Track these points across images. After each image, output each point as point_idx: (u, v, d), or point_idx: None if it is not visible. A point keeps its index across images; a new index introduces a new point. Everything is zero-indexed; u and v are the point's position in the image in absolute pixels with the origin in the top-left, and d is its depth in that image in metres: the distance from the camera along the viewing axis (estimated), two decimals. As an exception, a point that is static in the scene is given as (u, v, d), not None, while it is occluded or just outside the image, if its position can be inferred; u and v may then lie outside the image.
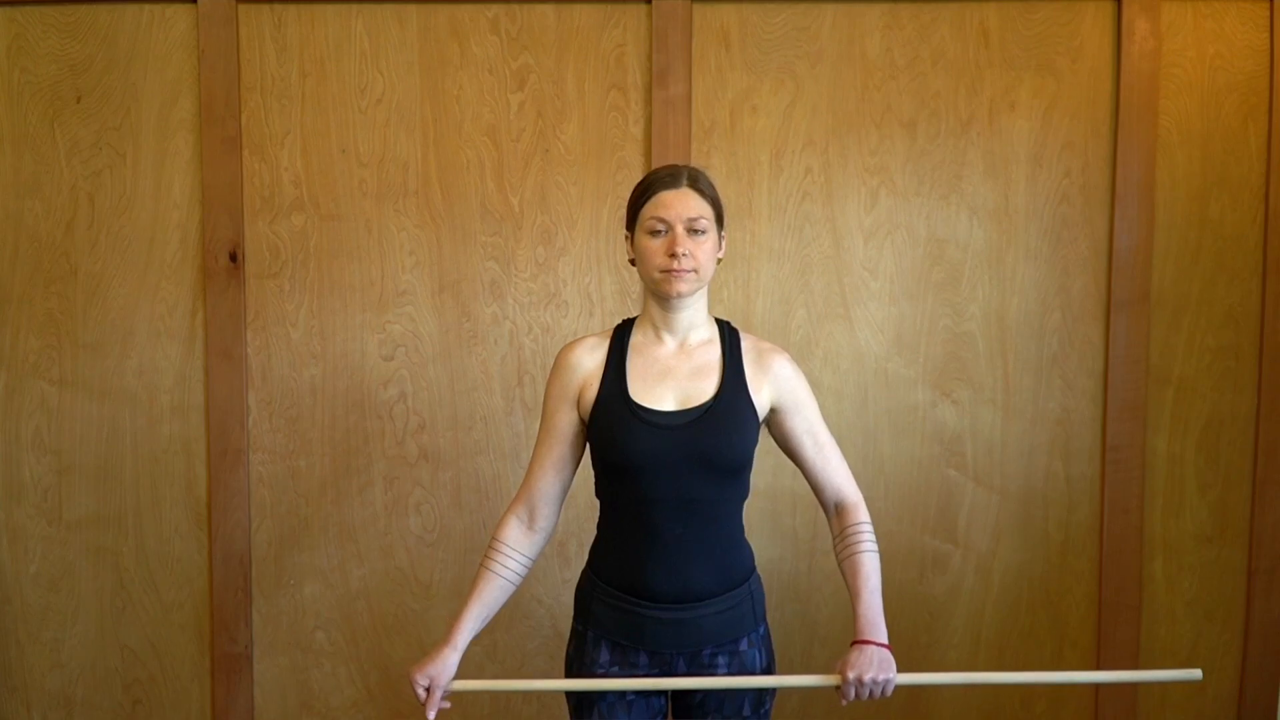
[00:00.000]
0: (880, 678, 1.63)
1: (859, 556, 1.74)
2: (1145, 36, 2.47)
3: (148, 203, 2.50)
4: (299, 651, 2.58)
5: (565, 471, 1.80)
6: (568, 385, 1.78)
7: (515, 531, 1.78)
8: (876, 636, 1.67)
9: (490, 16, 2.49)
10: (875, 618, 1.69)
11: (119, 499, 2.55)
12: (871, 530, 1.77)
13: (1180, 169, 2.51)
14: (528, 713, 2.60)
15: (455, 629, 1.74)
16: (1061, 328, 2.54)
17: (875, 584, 1.72)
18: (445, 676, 1.72)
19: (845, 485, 1.80)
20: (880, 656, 1.65)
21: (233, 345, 2.51)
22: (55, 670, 2.59)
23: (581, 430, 1.79)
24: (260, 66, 2.49)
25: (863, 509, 1.79)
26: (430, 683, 1.71)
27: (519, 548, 1.78)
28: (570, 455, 1.79)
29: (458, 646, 1.73)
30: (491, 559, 1.77)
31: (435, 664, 1.71)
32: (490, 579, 1.76)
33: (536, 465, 1.79)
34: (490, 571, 1.76)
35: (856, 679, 1.63)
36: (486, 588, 1.76)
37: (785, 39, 2.49)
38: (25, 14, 2.47)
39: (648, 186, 1.74)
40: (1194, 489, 2.57)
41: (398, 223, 2.51)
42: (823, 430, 1.81)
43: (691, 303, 1.74)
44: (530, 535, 1.79)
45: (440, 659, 1.72)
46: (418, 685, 1.72)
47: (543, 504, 1.79)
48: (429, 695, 1.71)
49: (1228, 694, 2.60)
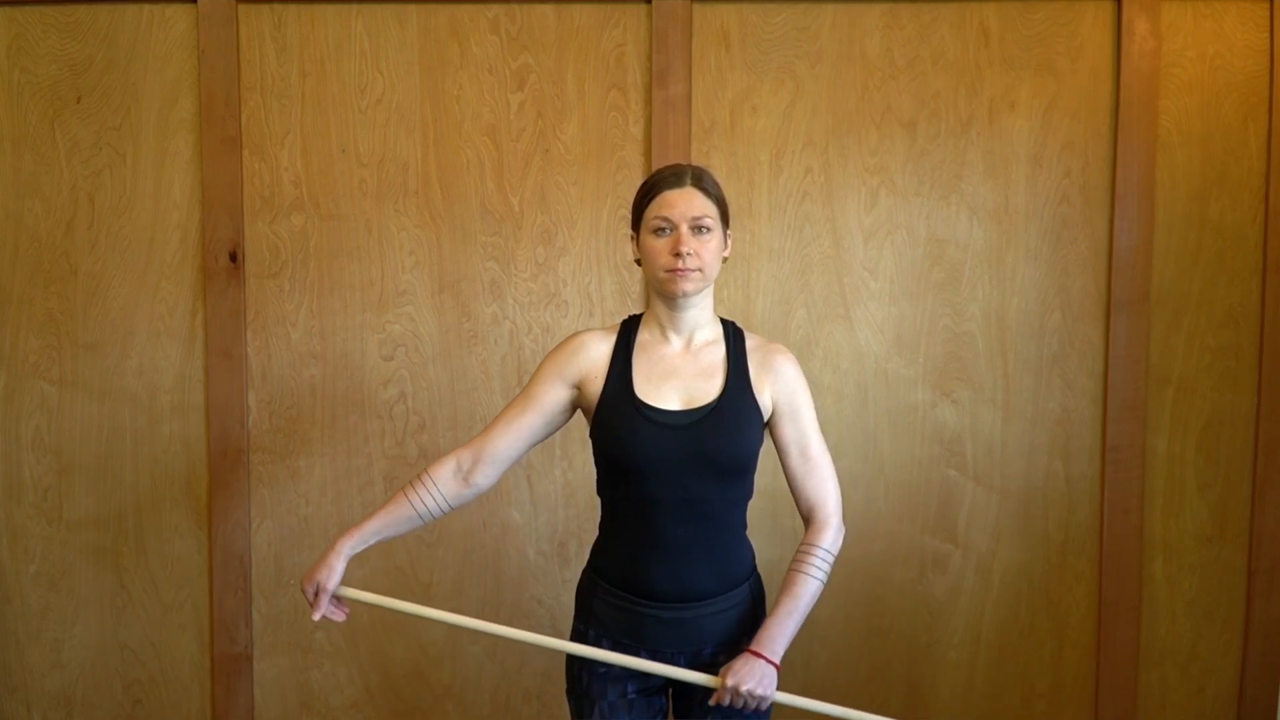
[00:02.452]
0: (758, 691, 1.62)
1: (796, 576, 1.71)
2: (1145, 36, 2.47)
3: (148, 203, 2.50)
4: (299, 651, 2.58)
5: (524, 441, 1.78)
6: (567, 365, 1.77)
7: (448, 474, 1.78)
8: (768, 652, 1.65)
9: (490, 16, 2.49)
10: (777, 635, 1.67)
11: (119, 499, 2.55)
12: (827, 558, 1.73)
13: (1180, 169, 2.51)
14: (528, 712, 2.60)
15: (346, 536, 1.76)
16: (1061, 328, 2.54)
17: (796, 607, 1.69)
18: (331, 582, 1.74)
19: (821, 504, 1.76)
20: (765, 672, 1.63)
21: (233, 345, 2.51)
22: (55, 670, 2.59)
23: (561, 410, 1.78)
24: (260, 66, 2.49)
25: (829, 533, 1.75)
26: (317, 588, 1.74)
27: (445, 492, 1.77)
28: (538, 428, 1.78)
29: (342, 553, 1.75)
30: (414, 488, 1.77)
31: (321, 570, 1.74)
32: (403, 505, 1.77)
33: (500, 423, 1.78)
34: (406, 499, 1.77)
35: (734, 687, 1.62)
36: (397, 511, 1.77)
37: (785, 39, 2.50)
38: (25, 14, 2.47)
39: (652, 186, 1.74)
40: (1194, 489, 2.57)
41: (398, 223, 2.52)
42: (814, 443, 1.78)
43: (697, 302, 1.74)
44: (461, 486, 1.78)
45: (325, 565, 1.74)
46: (306, 591, 1.75)
47: (488, 462, 1.78)
48: (316, 600, 1.74)
49: (1228, 694, 2.60)
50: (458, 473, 1.78)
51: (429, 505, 1.77)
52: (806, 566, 1.72)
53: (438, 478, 1.77)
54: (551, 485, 2.56)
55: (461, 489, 1.78)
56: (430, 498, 1.77)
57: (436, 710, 2.60)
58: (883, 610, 2.59)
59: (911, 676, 2.60)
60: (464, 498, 1.79)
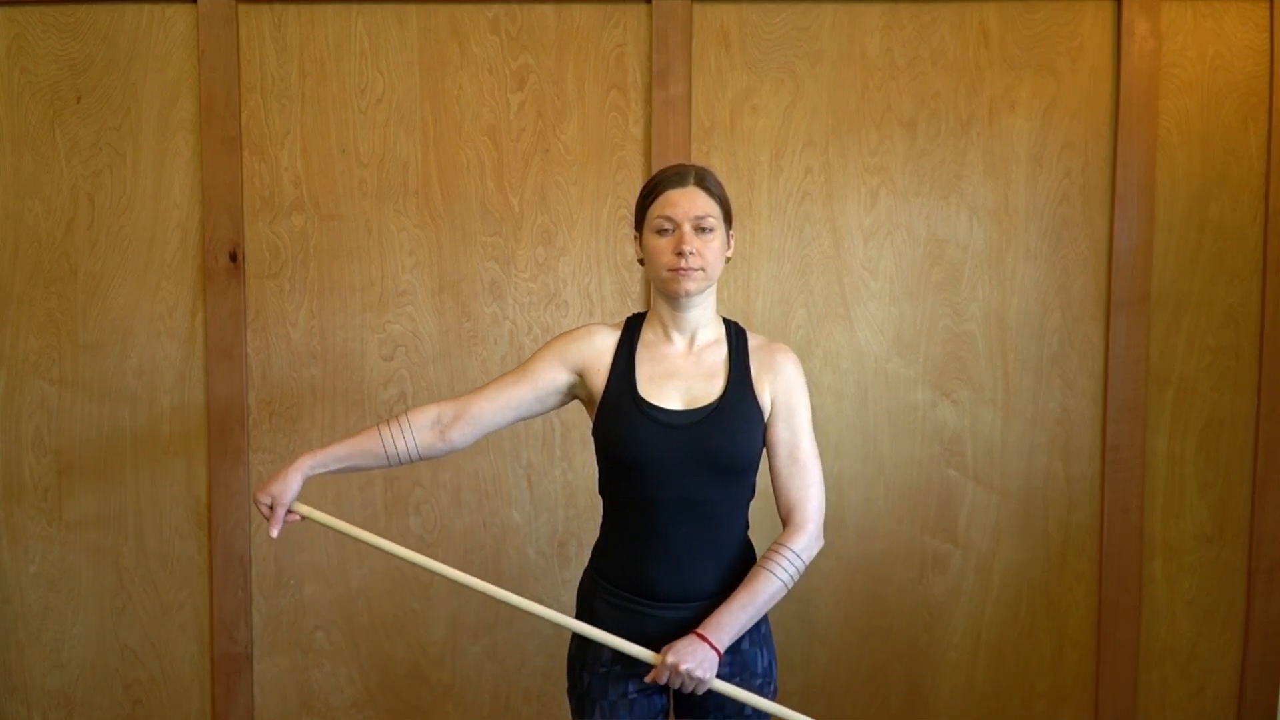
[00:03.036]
0: (696, 673, 1.62)
1: (760, 572, 1.70)
2: (1145, 36, 2.47)
3: (148, 203, 2.50)
4: (299, 651, 2.58)
5: (510, 410, 1.77)
6: (570, 349, 1.78)
7: (426, 423, 1.77)
8: (714, 638, 1.65)
9: (490, 16, 2.49)
10: (727, 624, 1.66)
11: (119, 499, 2.55)
12: (796, 561, 1.70)
13: (1180, 169, 2.51)
14: (528, 712, 2.60)
15: (309, 455, 1.76)
16: (1061, 328, 2.54)
17: (752, 602, 1.68)
18: (287, 496, 1.73)
19: (799, 506, 1.74)
20: (706, 656, 1.63)
21: (233, 345, 2.51)
22: (55, 670, 2.59)
23: (555, 392, 1.78)
24: (260, 66, 2.49)
25: (803, 537, 1.72)
26: (272, 500, 1.74)
27: (419, 439, 1.76)
28: (528, 402, 1.77)
29: (301, 469, 1.74)
30: (389, 426, 1.76)
31: (277, 483, 1.74)
32: (373, 440, 1.76)
33: (492, 387, 1.78)
34: (378, 435, 1.76)
35: (674, 665, 1.62)
36: (365, 444, 1.76)
37: (785, 39, 2.50)
38: (25, 14, 2.47)
39: (655, 185, 1.75)
40: (1194, 489, 2.57)
41: (398, 223, 2.51)
42: (803, 446, 1.75)
43: (699, 302, 1.75)
44: (436, 438, 1.77)
45: (283, 478, 1.74)
46: (260, 504, 1.74)
47: (469, 421, 1.77)
48: (271, 513, 1.74)
49: (1228, 694, 2.60)
50: (436, 424, 1.77)
51: (398, 448, 1.76)
52: (772, 565, 1.70)
53: (415, 423, 1.76)
54: (551, 485, 2.56)
55: (435, 441, 1.77)
56: (402, 440, 1.76)
57: (436, 710, 2.60)
58: (883, 610, 2.59)
59: (911, 676, 2.60)
60: (435, 450, 1.78)
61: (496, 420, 1.78)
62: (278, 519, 1.74)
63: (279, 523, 1.75)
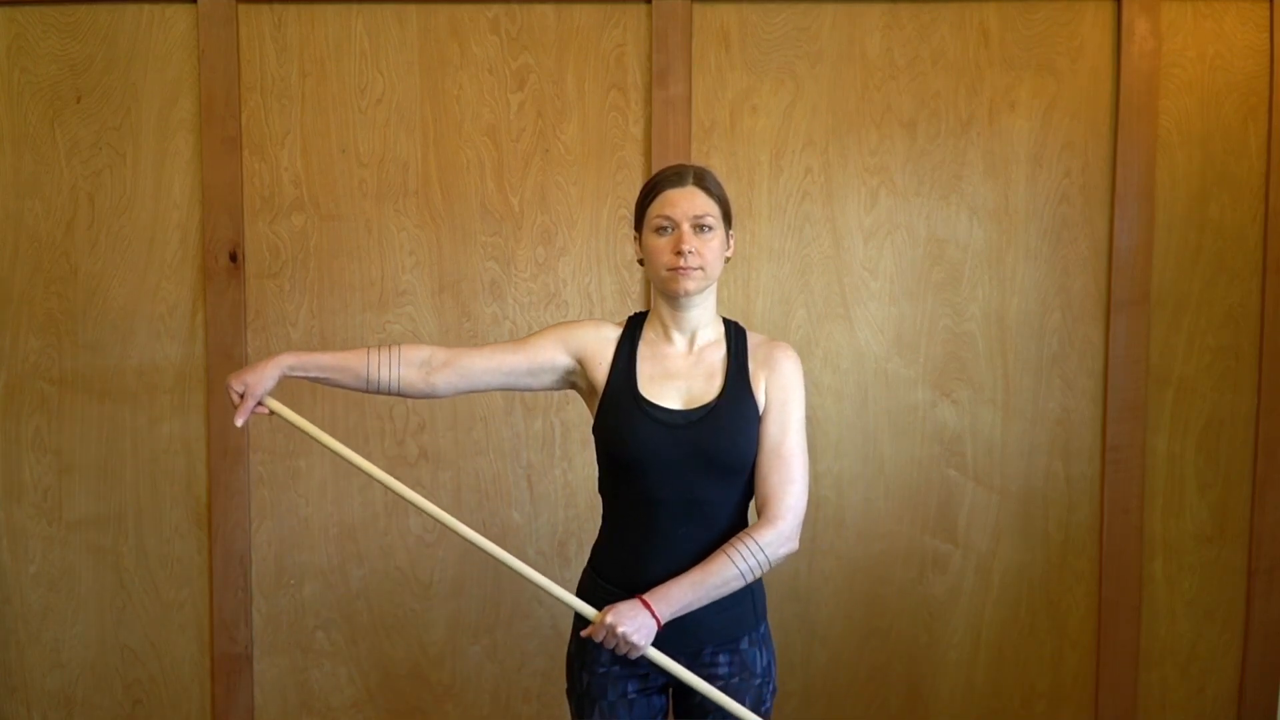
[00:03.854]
0: (631, 638, 1.62)
1: (719, 556, 1.67)
2: (1145, 36, 2.47)
3: (148, 203, 2.50)
4: (299, 651, 2.58)
5: (500, 375, 1.76)
6: (573, 334, 1.78)
7: (416, 360, 1.75)
8: (657, 608, 1.64)
9: (490, 16, 2.49)
10: (674, 596, 1.65)
11: (119, 499, 2.55)
12: (759, 553, 1.66)
13: (1180, 169, 2.51)
14: (528, 712, 2.60)
15: (291, 354, 1.74)
16: (1061, 328, 2.54)
17: (704, 581, 1.65)
18: (260, 388, 1.72)
19: (774, 500, 1.69)
20: (645, 623, 1.63)
21: (233, 345, 2.51)
22: (55, 670, 2.59)
23: (550, 370, 1.77)
24: (260, 66, 2.49)
25: (769, 532, 1.67)
26: (245, 389, 1.72)
27: (403, 373, 1.74)
28: (519, 372, 1.76)
29: (281, 365, 1.73)
30: (378, 352, 1.74)
31: (253, 373, 1.72)
32: (358, 360, 1.74)
33: (488, 349, 1.77)
34: (365, 358, 1.74)
35: (611, 625, 1.62)
36: (349, 362, 1.74)
37: (785, 39, 2.50)
38: (25, 14, 2.47)
39: (654, 185, 1.75)
40: (1194, 489, 2.57)
41: (398, 223, 2.52)
42: (788, 442, 1.72)
43: (699, 301, 1.75)
44: (420, 379, 1.75)
45: (260, 369, 1.72)
46: (232, 391, 1.73)
47: (457, 372, 1.75)
48: (241, 402, 1.72)
49: (1228, 694, 2.60)
50: (425, 364, 1.75)
51: (381, 375, 1.74)
52: (732, 551, 1.67)
53: (405, 357, 1.75)
54: (551, 485, 2.56)
55: (418, 380, 1.75)
56: (387, 369, 1.74)
57: (436, 710, 2.60)
58: (883, 610, 2.59)
59: (911, 676, 2.60)
60: (416, 389, 1.76)
61: (484, 380, 1.76)
62: (245, 409, 1.73)
63: (245, 413, 1.73)
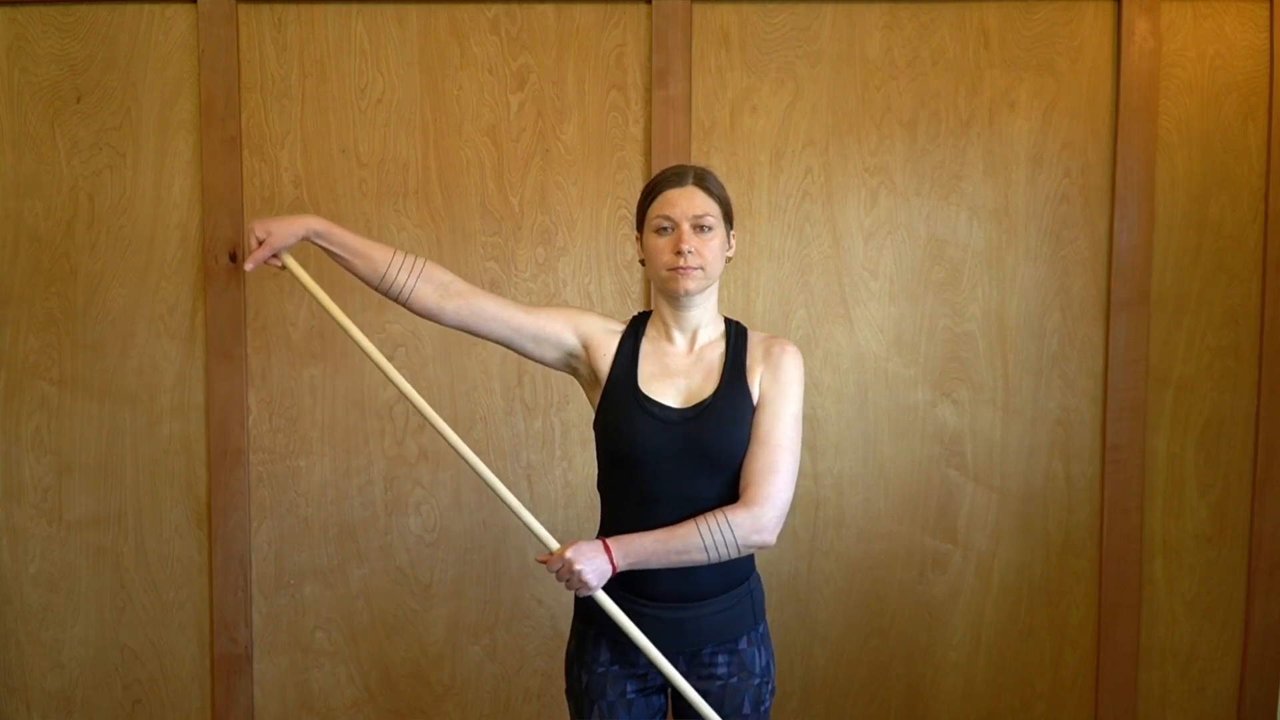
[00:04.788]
0: (585, 576, 1.63)
1: (690, 523, 1.66)
2: (1145, 36, 2.47)
3: (148, 203, 2.50)
4: (299, 651, 2.58)
5: (504, 327, 1.75)
6: (585, 321, 1.79)
7: (437, 278, 1.75)
8: (617, 554, 1.65)
9: (490, 16, 2.49)
10: (635, 548, 1.66)
11: (119, 499, 2.55)
12: (727, 531, 1.65)
13: (1180, 169, 2.51)
14: (528, 712, 2.60)
15: (323, 220, 1.74)
16: (1061, 328, 2.54)
17: (667, 540, 1.65)
18: (281, 240, 1.72)
19: (753, 484, 1.68)
20: (601, 567, 1.64)
21: (233, 345, 2.51)
22: (55, 670, 2.59)
23: (552, 343, 1.77)
24: (260, 66, 2.49)
25: (744, 513, 1.66)
26: (267, 237, 1.72)
27: (420, 285, 1.74)
28: (523, 333, 1.76)
29: (309, 227, 1.72)
30: (405, 257, 1.74)
31: (280, 224, 1.72)
32: (384, 254, 1.74)
33: (504, 301, 1.78)
34: (391, 254, 1.74)
35: (568, 560, 1.64)
36: (374, 252, 1.74)
37: (785, 39, 2.50)
38: (25, 14, 2.47)
39: (655, 186, 1.76)
40: (1194, 489, 2.57)
41: (398, 223, 2.51)
42: (776, 432, 1.71)
43: (700, 301, 1.75)
44: (433, 296, 1.74)
45: (288, 222, 1.72)
46: (253, 235, 1.72)
47: (468, 306, 1.75)
48: (259, 248, 1.72)
49: (1228, 694, 2.60)
50: (443, 287, 1.75)
51: (398, 278, 1.74)
52: (701, 522, 1.66)
53: (427, 272, 1.75)
54: (551, 485, 2.56)
55: (430, 298, 1.75)
56: (406, 273, 1.74)
57: (436, 710, 2.60)
58: (883, 610, 2.59)
59: (911, 677, 2.60)
60: (423, 305, 1.75)
61: (489, 326, 1.76)
62: (259, 256, 1.73)
63: (258, 261, 1.73)
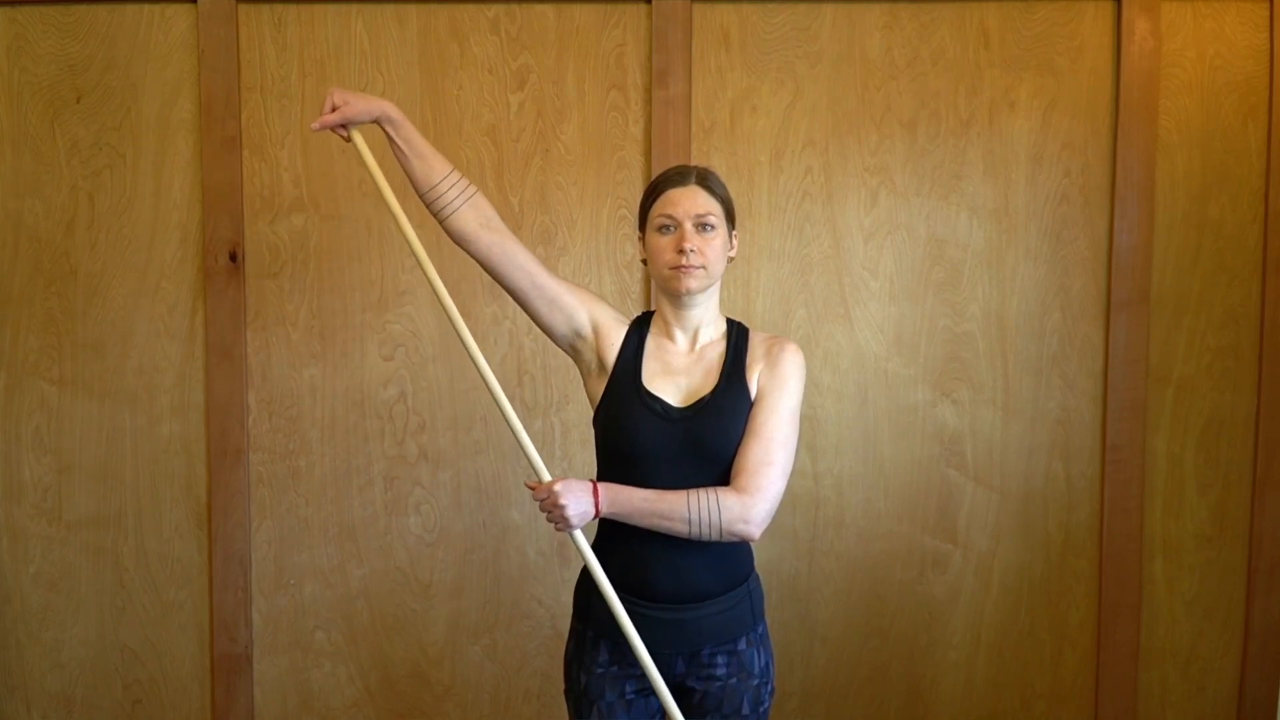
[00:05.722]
0: (568, 511, 1.64)
1: (681, 492, 1.66)
2: (1145, 36, 2.47)
3: (148, 203, 2.50)
4: (299, 651, 2.58)
5: (527, 279, 1.75)
6: (600, 308, 1.79)
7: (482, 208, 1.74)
8: (604, 498, 1.66)
9: (490, 16, 2.49)
10: (622, 500, 1.66)
11: (119, 499, 2.55)
12: (713, 509, 1.65)
13: (1180, 169, 2.51)
14: (528, 712, 2.60)
15: (401, 113, 1.72)
16: (1061, 328, 2.54)
17: (656, 500, 1.66)
18: (355, 113, 1.71)
19: (744, 472, 1.68)
20: (585, 508, 1.65)
21: (232, 345, 2.51)
22: (55, 670, 2.59)
23: (563, 314, 1.77)
24: (260, 66, 2.49)
25: (734, 495, 1.66)
26: (344, 106, 1.71)
27: (466, 209, 1.73)
28: (545, 294, 1.76)
29: (386, 111, 1.71)
30: (464, 179, 1.74)
31: (362, 99, 1.72)
32: (443, 164, 1.73)
33: (534, 258, 1.77)
34: (449, 167, 1.73)
35: (555, 492, 1.64)
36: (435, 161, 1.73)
37: (785, 39, 2.50)
38: (25, 14, 2.47)
39: (657, 185, 1.77)
40: (1194, 489, 2.57)
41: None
42: (770, 424, 1.70)
43: (701, 300, 1.75)
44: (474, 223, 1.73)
45: (370, 101, 1.72)
46: (332, 99, 1.72)
47: (502, 246, 1.74)
48: (331, 113, 1.72)
49: (1228, 694, 2.60)
50: (487, 219, 1.74)
51: (448, 191, 1.72)
52: (692, 494, 1.66)
53: (476, 200, 1.74)
54: (551, 485, 2.56)
55: (470, 224, 1.74)
56: (456, 191, 1.73)
57: (436, 710, 2.60)
58: (883, 610, 2.59)
59: (911, 677, 2.60)
60: (462, 229, 1.74)
61: (514, 274, 1.75)
62: (329, 121, 1.72)
63: (326, 125, 1.72)
